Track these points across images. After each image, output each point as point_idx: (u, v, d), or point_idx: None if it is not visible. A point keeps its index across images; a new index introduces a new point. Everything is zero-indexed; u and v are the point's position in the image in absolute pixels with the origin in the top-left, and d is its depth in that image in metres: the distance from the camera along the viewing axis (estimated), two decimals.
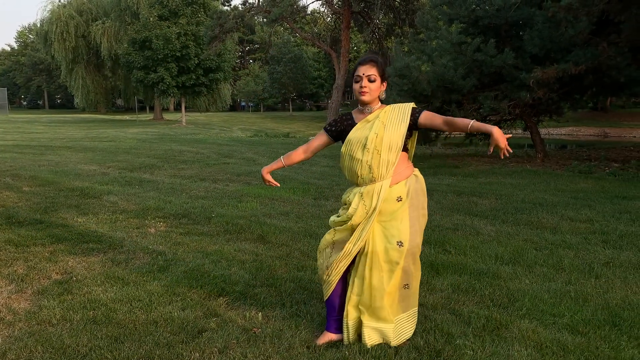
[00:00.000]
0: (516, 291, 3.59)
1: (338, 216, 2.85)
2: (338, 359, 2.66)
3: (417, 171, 2.83)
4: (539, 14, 10.49)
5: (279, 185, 3.10)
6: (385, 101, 2.86)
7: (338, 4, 31.25)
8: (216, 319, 3.17)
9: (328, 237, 2.86)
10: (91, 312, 3.25)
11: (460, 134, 14.98)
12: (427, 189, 2.85)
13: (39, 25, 46.13)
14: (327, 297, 2.88)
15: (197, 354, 2.73)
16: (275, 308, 3.33)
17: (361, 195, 2.73)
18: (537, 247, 4.71)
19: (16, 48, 77.75)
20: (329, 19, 37.37)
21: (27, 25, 77.57)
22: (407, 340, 2.83)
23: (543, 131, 13.38)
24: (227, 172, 9.83)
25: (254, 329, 3.03)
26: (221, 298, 3.49)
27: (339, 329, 2.87)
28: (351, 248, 2.73)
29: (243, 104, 68.55)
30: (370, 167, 2.71)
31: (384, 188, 2.69)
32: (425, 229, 2.83)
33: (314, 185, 8.18)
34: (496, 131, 2.49)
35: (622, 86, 11.30)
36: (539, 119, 13.08)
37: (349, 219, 2.74)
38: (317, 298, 3.47)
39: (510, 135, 2.55)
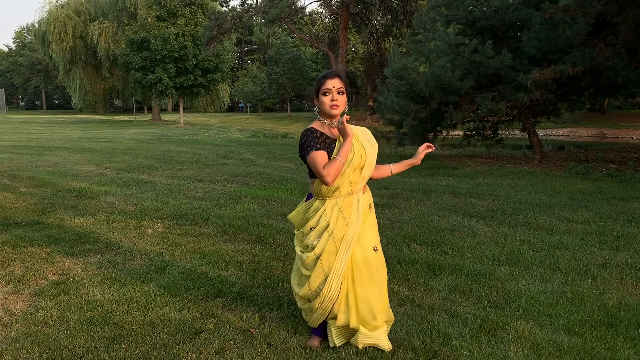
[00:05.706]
0: (513, 292, 3.60)
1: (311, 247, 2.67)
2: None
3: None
4: (536, 15, 10.52)
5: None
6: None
7: (336, 5, 31.29)
8: (213, 319, 3.17)
9: (319, 270, 2.65)
10: (88, 313, 3.25)
11: (458, 135, 14.99)
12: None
13: (36, 25, 46.18)
14: (318, 324, 2.78)
15: (194, 355, 2.73)
16: (272, 309, 3.33)
17: (339, 209, 2.63)
18: (534, 248, 4.72)
19: (14, 48, 77.79)
20: (327, 19, 37.36)
21: (25, 26, 77.63)
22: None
23: (541, 132, 13.42)
24: (225, 173, 9.82)
25: (251, 329, 3.03)
26: (218, 299, 3.49)
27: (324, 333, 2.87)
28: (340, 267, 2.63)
29: (241, 104, 68.47)
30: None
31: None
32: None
33: None
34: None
35: (619, 87, 11.34)
36: (536, 120, 13.11)
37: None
38: None
39: None
